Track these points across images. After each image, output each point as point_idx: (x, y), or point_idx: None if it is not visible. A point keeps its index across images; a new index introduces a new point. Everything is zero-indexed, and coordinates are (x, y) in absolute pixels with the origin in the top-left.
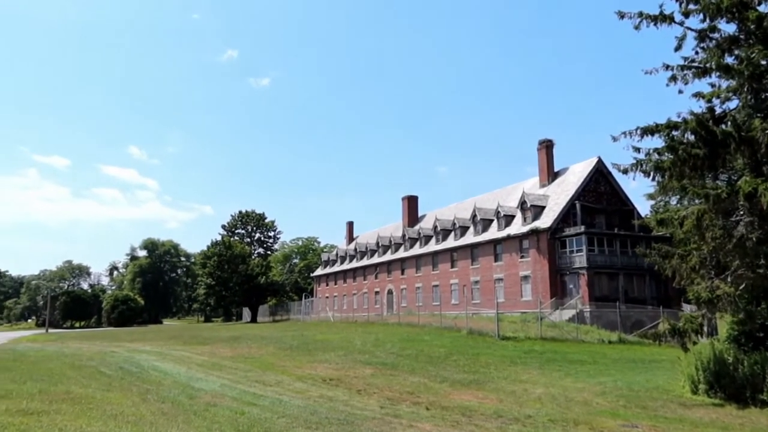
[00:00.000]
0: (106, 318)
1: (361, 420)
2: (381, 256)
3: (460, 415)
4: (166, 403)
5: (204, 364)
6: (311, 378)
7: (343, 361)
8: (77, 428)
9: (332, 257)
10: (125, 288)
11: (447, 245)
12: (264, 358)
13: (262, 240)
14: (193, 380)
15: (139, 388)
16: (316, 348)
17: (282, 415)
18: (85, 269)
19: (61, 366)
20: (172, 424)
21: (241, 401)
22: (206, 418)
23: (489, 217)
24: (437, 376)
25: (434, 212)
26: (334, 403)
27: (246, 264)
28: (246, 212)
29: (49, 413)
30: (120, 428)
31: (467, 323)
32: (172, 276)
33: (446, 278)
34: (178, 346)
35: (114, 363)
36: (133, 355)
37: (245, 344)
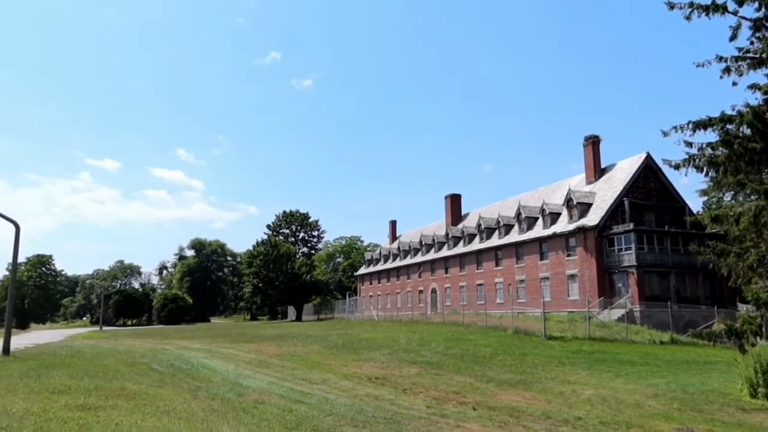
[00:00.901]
0: (156, 316)
1: (408, 419)
2: (424, 254)
3: (508, 416)
4: (216, 400)
5: (251, 362)
6: (357, 376)
7: (388, 360)
8: (132, 423)
9: (375, 256)
10: (174, 287)
11: (491, 244)
12: (310, 357)
13: (306, 239)
14: (241, 378)
15: (190, 384)
16: (360, 347)
17: (329, 413)
18: (136, 269)
19: (116, 363)
20: (223, 420)
21: (288, 399)
22: (255, 415)
23: (534, 215)
24: (483, 376)
25: (478, 210)
26: (380, 402)
27: (291, 263)
28: (290, 212)
29: (105, 408)
30: (173, 424)
31: (513, 322)
32: (218, 275)
33: (491, 277)
34: (226, 344)
35: (165, 360)
36: (183, 353)
37: (291, 342)
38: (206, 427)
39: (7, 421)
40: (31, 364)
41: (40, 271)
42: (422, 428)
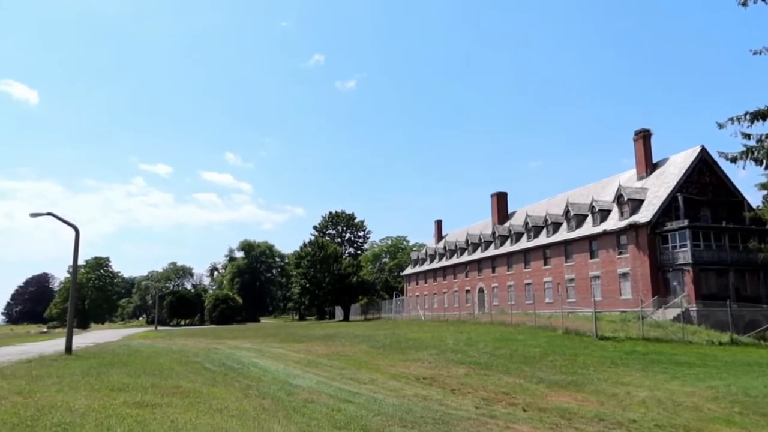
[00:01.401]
0: (208, 316)
1: (457, 420)
2: (471, 254)
3: (559, 418)
4: (267, 399)
5: (300, 362)
6: (405, 377)
7: (435, 360)
8: (187, 421)
9: (421, 256)
10: (225, 288)
11: (539, 242)
12: (357, 356)
13: (352, 240)
14: (291, 377)
15: (241, 383)
16: (408, 347)
17: (377, 413)
18: (188, 270)
19: (170, 362)
20: (273, 419)
21: (337, 398)
22: (305, 414)
23: (583, 213)
24: (533, 377)
25: (525, 208)
26: (428, 402)
27: (338, 264)
28: (336, 213)
29: (161, 406)
30: (225, 422)
31: (563, 322)
32: (267, 276)
33: (539, 276)
34: (275, 343)
35: (217, 359)
36: (234, 352)
37: (339, 342)
38: (258, 425)
39: (71, 417)
40: (91, 363)
41: (99, 273)
42: (471, 429)
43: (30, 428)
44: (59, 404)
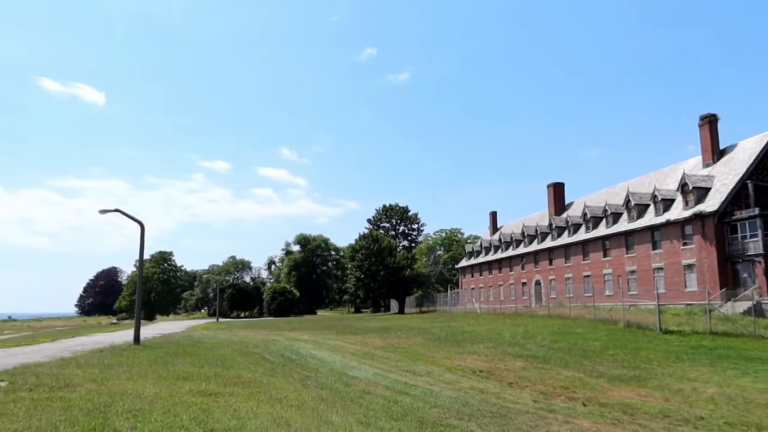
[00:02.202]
0: (266, 308)
1: (515, 414)
2: (527, 246)
3: (621, 413)
4: (325, 390)
5: (357, 353)
6: (461, 369)
7: (492, 353)
8: (249, 410)
9: (476, 248)
10: (282, 281)
11: (598, 233)
12: (413, 349)
13: (406, 233)
14: (348, 368)
15: (300, 374)
16: (464, 339)
17: (434, 405)
18: (247, 264)
19: (231, 352)
20: (332, 409)
21: (393, 390)
22: (362, 405)
23: (644, 202)
24: (593, 371)
25: (582, 199)
26: (485, 396)
27: (392, 256)
28: (390, 206)
29: (224, 395)
30: (285, 411)
31: (624, 315)
32: (323, 269)
33: (598, 268)
34: (332, 335)
35: (276, 350)
36: (292, 344)
37: (394, 335)
38: (316, 415)
39: (140, 404)
40: (158, 353)
41: (163, 267)
42: (530, 423)
43: (103, 414)
44: (129, 392)
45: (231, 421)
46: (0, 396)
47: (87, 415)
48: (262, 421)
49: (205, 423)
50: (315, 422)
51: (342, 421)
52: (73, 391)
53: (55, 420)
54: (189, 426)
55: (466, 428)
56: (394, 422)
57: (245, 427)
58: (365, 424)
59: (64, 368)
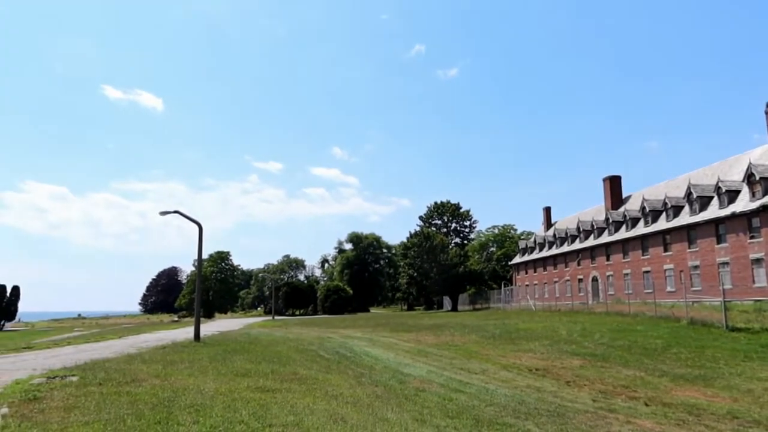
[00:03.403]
0: (320, 306)
1: (573, 413)
2: (582, 241)
3: (686, 414)
4: (379, 387)
5: (410, 351)
6: (516, 367)
7: (548, 351)
8: (305, 406)
9: (530, 244)
10: (335, 279)
11: (657, 227)
12: (467, 346)
13: (458, 230)
14: (402, 366)
15: (354, 371)
16: (519, 337)
17: (489, 403)
18: (301, 262)
19: (287, 349)
20: (387, 406)
21: (448, 388)
22: (417, 402)
23: (707, 194)
24: (655, 370)
25: (640, 192)
26: (542, 394)
27: (444, 254)
28: (441, 203)
29: (281, 391)
30: (341, 408)
31: (687, 312)
32: (375, 267)
33: (658, 263)
34: (386, 333)
35: (331, 348)
36: (347, 341)
37: (448, 332)
38: (372, 412)
39: (201, 399)
40: (217, 350)
41: (221, 266)
42: (589, 423)
43: (167, 408)
44: (191, 387)
45: (288, 417)
46: (72, 390)
47: (152, 409)
48: (319, 418)
49: (264, 418)
50: (371, 419)
51: (397, 418)
52: (139, 386)
53: (122, 413)
54: (248, 421)
55: (522, 427)
56: (449, 420)
57: (302, 423)
58: (420, 421)
59: (130, 364)
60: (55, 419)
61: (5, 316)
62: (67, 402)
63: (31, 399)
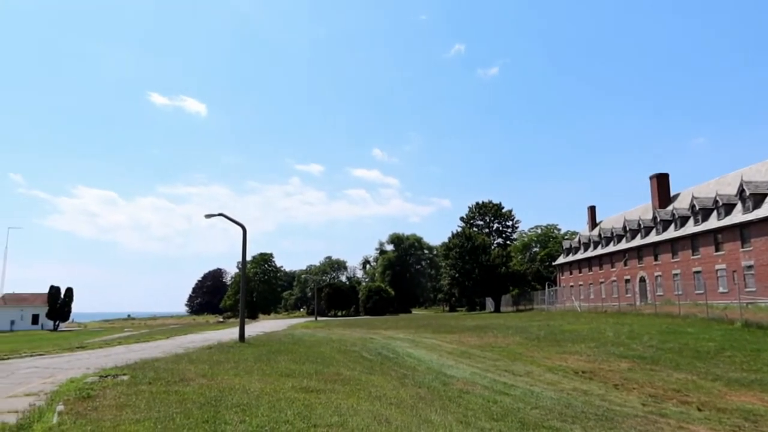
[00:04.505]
0: (362, 307)
1: (622, 417)
2: (629, 241)
3: (742, 420)
4: (423, 388)
5: (453, 352)
6: (562, 369)
7: (595, 353)
8: (349, 407)
9: (574, 244)
10: (377, 280)
11: (708, 226)
12: (511, 348)
13: (500, 230)
14: (445, 367)
15: (397, 372)
16: (564, 339)
17: (535, 406)
18: (342, 263)
19: (330, 350)
20: (430, 408)
21: (492, 390)
22: (460, 404)
23: (762, 191)
24: (708, 374)
25: (690, 190)
26: (589, 397)
27: (486, 254)
28: (483, 203)
29: (325, 391)
30: (385, 409)
31: (741, 314)
32: (417, 268)
33: (710, 263)
34: (428, 334)
35: (373, 349)
36: (389, 342)
37: (491, 334)
38: (416, 413)
39: (247, 399)
40: (262, 350)
41: (264, 267)
42: (639, 428)
43: (214, 408)
44: (237, 387)
45: (333, 418)
46: (123, 389)
47: (200, 408)
48: (363, 418)
49: (308, 418)
50: (415, 421)
51: (441, 420)
52: (187, 385)
53: (171, 412)
54: (293, 421)
55: (569, 431)
56: (494, 422)
57: (347, 424)
58: (465, 423)
59: (178, 363)
60: (108, 417)
61: (60, 317)
62: (119, 400)
63: (85, 397)
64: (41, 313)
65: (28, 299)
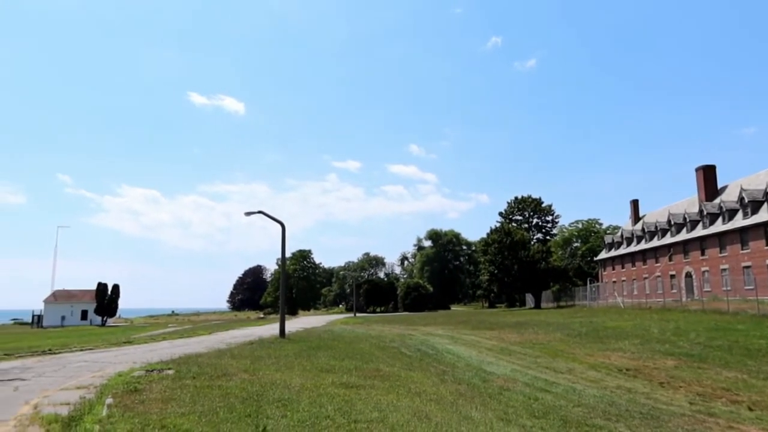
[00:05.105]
0: (401, 303)
1: (668, 416)
2: (674, 235)
3: None
4: (462, 385)
5: (493, 349)
6: (605, 367)
7: (639, 350)
8: (389, 402)
9: (617, 239)
10: (415, 276)
11: (759, 219)
12: (552, 345)
13: (540, 225)
14: (485, 364)
15: (437, 369)
16: (607, 335)
17: (577, 404)
18: (380, 260)
19: (370, 346)
20: (471, 405)
21: (533, 387)
22: (501, 401)
23: None
24: (759, 372)
25: (738, 182)
26: (633, 395)
27: (526, 250)
28: (522, 198)
29: (365, 387)
30: (425, 405)
31: None
32: (455, 264)
33: (760, 258)
34: (467, 330)
35: (412, 345)
36: (428, 338)
37: (531, 330)
38: (456, 410)
39: (288, 394)
40: (302, 346)
41: (303, 264)
42: (686, 427)
43: (256, 402)
44: (278, 382)
45: (373, 413)
46: (168, 383)
47: (242, 402)
48: (403, 414)
49: (349, 414)
50: (455, 417)
51: (482, 417)
52: (230, 380)
53: (215, 406)
54: (334, 416)
55: (614, 429)
56: (535, 420)
57: (387, 420)
58: (506, 420)
59: (221, 359)
60: (154, 410)
61: (107, 313)
62: (164, 394)
63: (132, 390)
64: (90, 309)
65: (77, 295)
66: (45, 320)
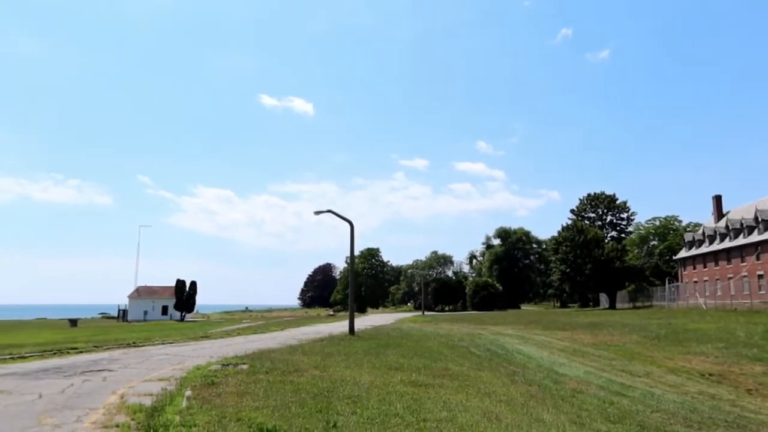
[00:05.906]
0: (469, 302)
1: (756, 425)
2: (762, 233)
3: None
4: (533, 386)
5: (565, 350)
6: (685, 371)
7: (723, 354)
8: (458, 402)
9: (698, 237)
10: (484, 275)
11: None
12: (627, 347)
13: (614, 222)
14: (556, 365)
15: (506, 369)
16: (687, 338)
17: (656, 409)
18: (448, 258)
19: (438, 345)
20: (542, 407)
21: (607, 390)
22: (573, 404)
23: None
24: None
25: None
26: (717, 402)
27: (599, 248)
28: (595, 194)
29: (433, 386)
30: (495, 406)
31: None
32: (525, 262)
33: None
34: (538, 330)
35: (481, 344)
36: (498, 338)
37: (606, 331)
38: (527, 412)
39: (358, 391)
40: (371, 343)
41: (371, 262)
42: None
43: (326, 399)
44: (348, 379)
45: (442, 413)
46: (243, 377)
47: (313, 398)
48: (473, 415)
49: (418, 413)
50: (525, 419)
51: (554, 420)
52: (301, 376)
53: (287, 401)
54: (403, 414)
55: None
56: (611, 425)
57: (456, 420)
58: (579, 424)
59: (292, 354)
60: (231, 403)
61: (186, 308)
62: (240, 388)
63: (209, 384)
64: (170, 305)
65: (158, 292)
66: (129, 315)
